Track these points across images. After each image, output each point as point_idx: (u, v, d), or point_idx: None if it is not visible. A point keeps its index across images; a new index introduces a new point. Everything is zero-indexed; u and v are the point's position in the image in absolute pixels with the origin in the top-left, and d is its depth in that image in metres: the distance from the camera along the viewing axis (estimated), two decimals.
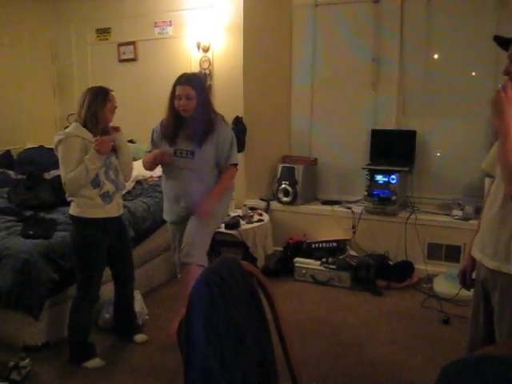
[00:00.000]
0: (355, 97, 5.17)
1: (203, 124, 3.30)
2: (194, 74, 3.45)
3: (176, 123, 3.35)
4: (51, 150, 5.72)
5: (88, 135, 3.10)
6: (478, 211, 4.16)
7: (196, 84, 3.30)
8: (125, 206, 4.13)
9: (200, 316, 1.24)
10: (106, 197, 3.16)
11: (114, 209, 3.24)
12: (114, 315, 3.58)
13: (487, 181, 3.86)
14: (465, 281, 2.24)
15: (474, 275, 2.19)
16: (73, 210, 3.17)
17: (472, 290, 2.22)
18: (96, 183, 3.11)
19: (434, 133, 4.90)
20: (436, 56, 4.88)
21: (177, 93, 3.26)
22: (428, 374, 2.82)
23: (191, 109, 3.25)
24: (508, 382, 1.31)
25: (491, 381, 1.32)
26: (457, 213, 4.55)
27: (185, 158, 3.33)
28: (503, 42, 2.01)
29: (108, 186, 3.17)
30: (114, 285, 3.53)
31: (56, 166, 5.31)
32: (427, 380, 1.55)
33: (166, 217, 3.64)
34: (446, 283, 4.26)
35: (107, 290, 3.84)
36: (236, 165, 3.47)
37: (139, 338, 3.54)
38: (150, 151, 3.49)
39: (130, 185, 4.65)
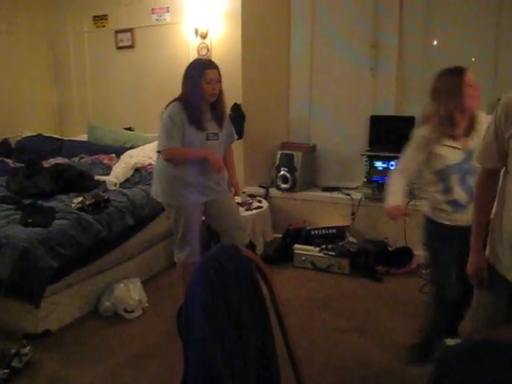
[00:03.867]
0: (354, 83, 5.14)
1: (224, 107, 3.46)
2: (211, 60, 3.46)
3: (202, 107, 3.35)
4: (49, 138, 5.78)
5: None
6: None
7: (219, 69, 3.35)
8: (124, 194, 4.14)
9: (199, 302, 1.24)
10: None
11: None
12: None
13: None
14: (482, 282, 2.06)
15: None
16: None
17: None
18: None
19: None
20: (435, 42, 4.84)
21: (209, 77, 3.24)
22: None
23: (217, 93, 3.33)
24: (504, 366, 1.31)
25: (488, 364, 1.33)
26: None
27: (213, 140, 3.40)
28: None
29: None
30: None
31: (54, 153, 5.38)
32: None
33: (187, 201, 3.40)
34: None
35: (107, 278, 3.86)
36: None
37: None
38: (175, 142, 3.28)
39: (128, 173, 4.65)
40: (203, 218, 3.65)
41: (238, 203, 4.74)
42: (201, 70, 3.27)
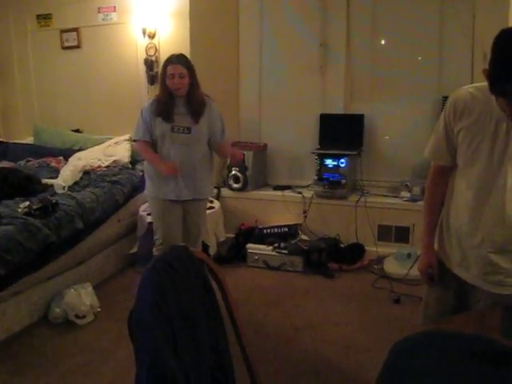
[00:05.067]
0: (303, 82, 5.19)
1: (199, 101, 3.48)
2: (182, 54, 3.49)
3: (170, 102, 3.43)
4: None
5: None
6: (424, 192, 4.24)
7: (187, 63, 3.43)
8: (73, 198, 4.05)
9: (149, 304, 1.22)
10: None
11: None
12: None
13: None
14: (432, 279, 2.07)
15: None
16: None
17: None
18: None
19: (381, 116, 4.97)
20: (383, 41, 4.94)
21: (169, 72, 3.37)
22: (380, 352, 2.87)
23: (184, 87, 3.40)
24: (454, 354, 1.34)
25: (439, 354, 1.36)
26: (405, 194, 4.65)
27: (181, 133, 3.46)
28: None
29: None
30: None
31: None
32: (380, 357, 1.57)
33: (158, 194, 3.56)
34: (396, 263, 4.35)
35: (57, 284, 3.77)
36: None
37: None
38: (142, 134, 3.50)
39: (77, 175, 4.55)
40: None
41: None
42: (164, 66, 3.43)
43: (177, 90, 3.39)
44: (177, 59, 3.41)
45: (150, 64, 5.12)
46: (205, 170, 3.64)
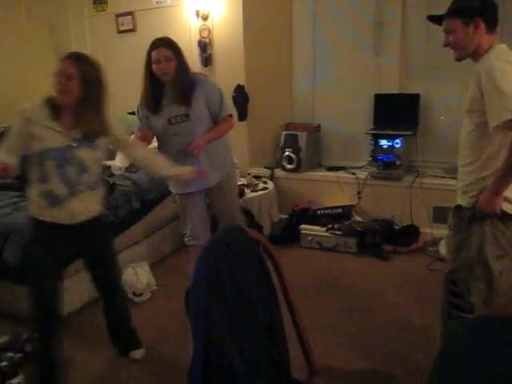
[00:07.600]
0: (358, 61, 5.10)
1: (187, 84, 3.18)
2: (167, 37, 3.21)
3: (157, 91, 3.20)
4: None
5: None
6: None
7: (172, 45, 3.15)
8: (129, 179, 4.15)
9: (205, 284, 1.25)
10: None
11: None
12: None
13: None
14: None
15: None
16: None
17: None
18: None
19: (437, 96, 4.84)
20: None
21: (154, 57, 3.08)
22: (436, 335, 2.85)
23: (172, 71, 3.10)
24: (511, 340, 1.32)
25: (497, 341, 1.33)
26: None
27: (181, 123, 3.21)
28: (436, 19, 2.19)
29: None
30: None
31: None
32: (436, 341, 1.56)
33: (172, 189, 3.47)
34: None
35: None
36: (231, 116, 3.42)
37: (138, 353, 3.06)
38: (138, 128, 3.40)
39: None
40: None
41: (244, 185, 4.75)
42: (148, 52, 3.13)
43: (164, 74, 3.09)
44: (160, 42, 3.11)
45: (203, 46, 5.15)
46: (217, 149, 3.35)
